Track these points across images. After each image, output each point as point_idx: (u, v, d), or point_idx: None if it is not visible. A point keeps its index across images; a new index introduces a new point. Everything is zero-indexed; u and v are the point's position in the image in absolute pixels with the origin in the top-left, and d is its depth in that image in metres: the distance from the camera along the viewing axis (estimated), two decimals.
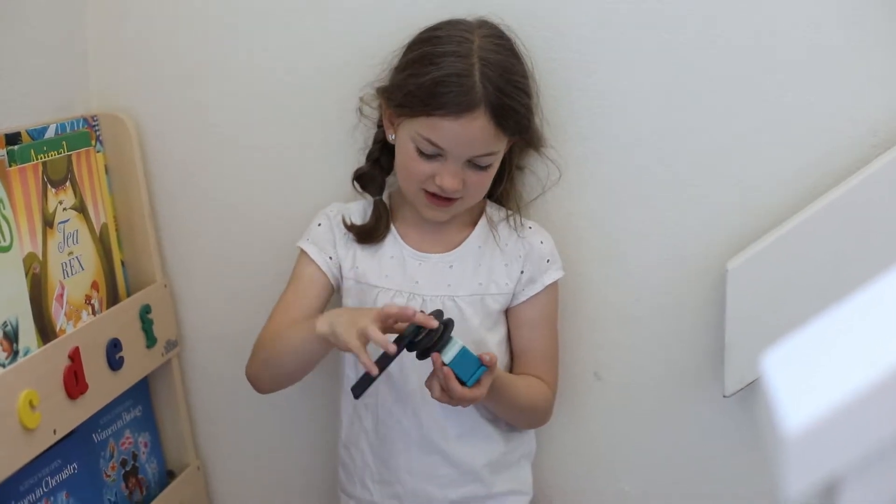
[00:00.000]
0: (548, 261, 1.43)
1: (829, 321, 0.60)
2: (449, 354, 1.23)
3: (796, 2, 1.39)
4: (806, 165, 1.42)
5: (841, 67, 1.39)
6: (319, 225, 1.45)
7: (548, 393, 1.44)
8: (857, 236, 1.37)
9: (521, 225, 1.43)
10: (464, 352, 1.24)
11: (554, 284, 1.43)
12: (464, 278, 1.41)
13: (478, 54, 1.29)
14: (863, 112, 1.39)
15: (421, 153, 1.32)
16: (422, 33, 1.35)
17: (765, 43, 1.40)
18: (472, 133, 1.29)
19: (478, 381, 1.25)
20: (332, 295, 1.46)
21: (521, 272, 1.42)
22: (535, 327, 1.43)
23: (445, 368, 1.23)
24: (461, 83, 1.27)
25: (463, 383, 1.25)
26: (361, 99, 1.46)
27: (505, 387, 1.35)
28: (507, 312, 1.44)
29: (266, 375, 1.41)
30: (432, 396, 1.27)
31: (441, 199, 1.35)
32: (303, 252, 1.44)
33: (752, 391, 1.45)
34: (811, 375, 0.58)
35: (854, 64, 1.39)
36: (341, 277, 1.44)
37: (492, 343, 1.41)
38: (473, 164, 1.32)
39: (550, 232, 1.46)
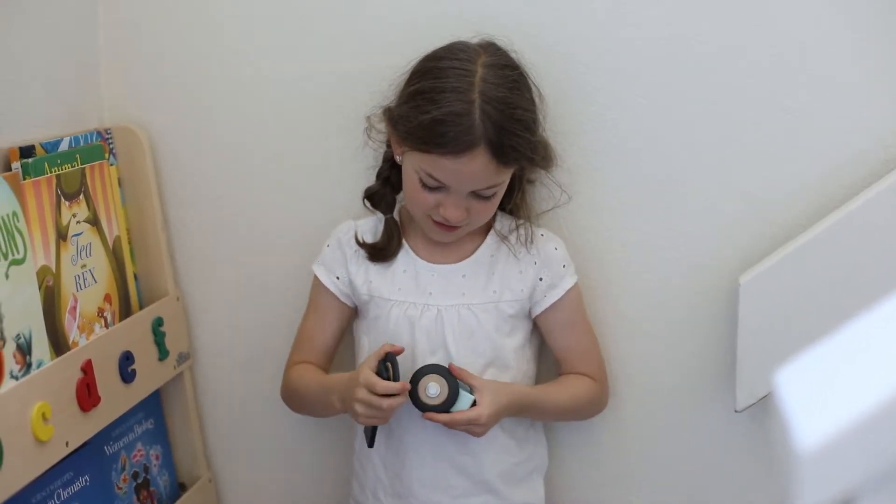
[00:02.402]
0: (564, 266, 1.44)
1: (843, 336, 0.60)
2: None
3: (808, 13, 1.39)
4: (818, 179, 1.42)
5: (853, 81, 1.39)
6: (328, 246, 1.47)
7: (591, 385, 1.47)
8: (869, 251, 1.36)
9: (533, 232, 1.44)
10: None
11: (575, 286, 1.45)
12: (477, 287, 1.41)
13: (479, 89, 1.28)
14: (874, 126, 1.39)
15: (424, 185, 1.33)
16: (424, 61, 1.35)
17: (776, 56, 1.40)
18: (473, 170, 1.29)
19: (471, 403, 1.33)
20: (351, 313, 1.48)
21: (541, 279, 1.42)
22: (566, 329, 1.46)
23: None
24: (461, 122, 1.27)
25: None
26: (368, 119, 1.46)
27: (540, 401, 1.42)
28: (536, 320, 1.45)
29: (300, 412, 1.54)
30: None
31: (447, 226, 1.36)
32: (315, 276, 1.47)
33: (763, 406, 1.44)
34: (825, 391, 0.58)
35: (866, 78, 1.39)
36: (355, 294, 1.44)
37: (509, 349, 1.42)
38: (477, 195, 1.33)
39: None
